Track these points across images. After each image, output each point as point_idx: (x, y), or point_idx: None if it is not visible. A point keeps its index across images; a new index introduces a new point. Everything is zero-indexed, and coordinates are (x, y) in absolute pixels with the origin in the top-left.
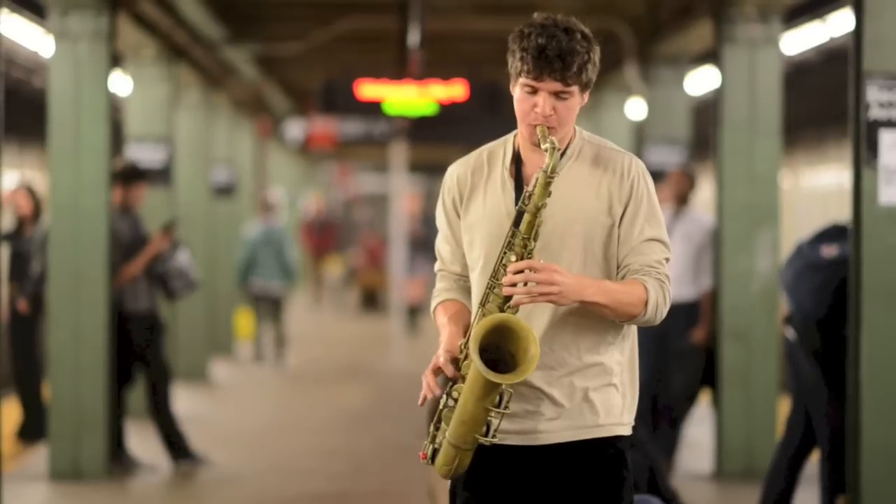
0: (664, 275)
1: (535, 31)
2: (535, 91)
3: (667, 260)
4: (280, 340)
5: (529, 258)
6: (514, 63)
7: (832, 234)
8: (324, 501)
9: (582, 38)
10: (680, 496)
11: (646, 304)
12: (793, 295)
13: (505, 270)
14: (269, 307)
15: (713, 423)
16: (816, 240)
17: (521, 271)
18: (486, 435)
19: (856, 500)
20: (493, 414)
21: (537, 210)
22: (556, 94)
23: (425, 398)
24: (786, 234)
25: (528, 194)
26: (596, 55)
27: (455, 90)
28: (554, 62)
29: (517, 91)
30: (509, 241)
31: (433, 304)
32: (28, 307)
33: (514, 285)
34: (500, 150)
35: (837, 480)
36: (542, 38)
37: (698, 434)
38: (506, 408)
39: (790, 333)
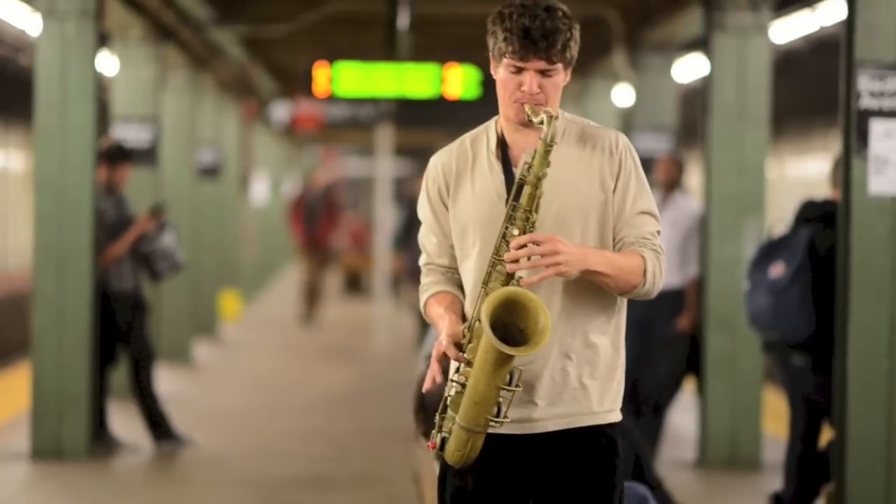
0: (659, 246)
1: (517, 11)
2: (520, 70)
3: (658, 232)
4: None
5: (532, 231)
6: (496, 45)
7: (767, 252)
8: (306, 484)
9: (563, 15)
10: (665, 484)
11: (644, 273)
12: (771, 324)
13: (508, 245)
14: None
15: (698, 412)
16: (759, 264)
17: (525, 245)
18: (496, 416)
19: (841, 490)
20: (503, 394)
21: (538, 181)
22: (542, 73)
23: (432, 382)
24: (771, 223)
25: (527, 165)
26: (577, 32)
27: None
28: (539, 42)
29: (501, 72)
30: (510, 216)
31: (423, 298)
32: None
33: (516, 261)
34: (482, 135)
35: (822, 470)
36: (524, 18)
37: (683, 422)
38: (517, 385)
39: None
